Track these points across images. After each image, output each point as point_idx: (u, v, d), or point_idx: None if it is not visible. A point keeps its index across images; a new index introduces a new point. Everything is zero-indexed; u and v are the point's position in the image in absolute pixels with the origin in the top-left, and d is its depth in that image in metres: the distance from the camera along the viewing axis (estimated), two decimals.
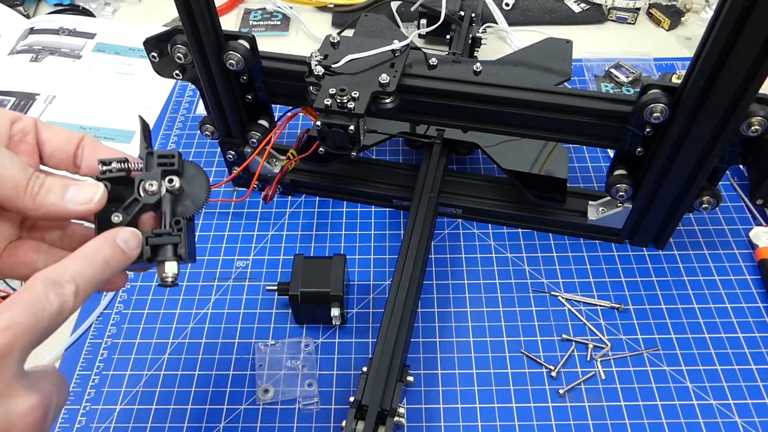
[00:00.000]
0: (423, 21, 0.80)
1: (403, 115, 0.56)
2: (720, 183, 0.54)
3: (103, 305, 0.58)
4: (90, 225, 0.36)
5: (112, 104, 0.78)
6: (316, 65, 0.51)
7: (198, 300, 0.59)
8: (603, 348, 0.54)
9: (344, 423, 0.44)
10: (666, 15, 0.87)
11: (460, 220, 0.64)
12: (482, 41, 0.77)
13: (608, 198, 0.58)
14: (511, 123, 0.54)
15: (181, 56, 0.53)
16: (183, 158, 0.37)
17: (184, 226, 0.36)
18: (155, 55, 0.55)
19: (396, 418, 0.45)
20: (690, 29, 0.88)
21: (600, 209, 0.59)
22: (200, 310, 0.58)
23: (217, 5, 0.51)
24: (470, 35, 0.76)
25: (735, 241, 0.62)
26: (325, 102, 0.49)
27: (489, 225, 0.64)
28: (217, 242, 0.63)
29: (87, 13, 0.93)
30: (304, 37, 0.89)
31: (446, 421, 0.50)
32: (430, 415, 0.51)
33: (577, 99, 0.51)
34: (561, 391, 0.52)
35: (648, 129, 0.49)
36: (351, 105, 0.49)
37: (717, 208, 0.57)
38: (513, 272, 0.60)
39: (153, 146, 0.38)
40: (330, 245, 0.63)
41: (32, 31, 0.87)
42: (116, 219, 0.35)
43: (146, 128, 0.39)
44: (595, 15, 0.89)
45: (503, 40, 0.87)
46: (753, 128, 0.46)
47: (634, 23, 0.89)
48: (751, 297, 0.58)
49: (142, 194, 0.36)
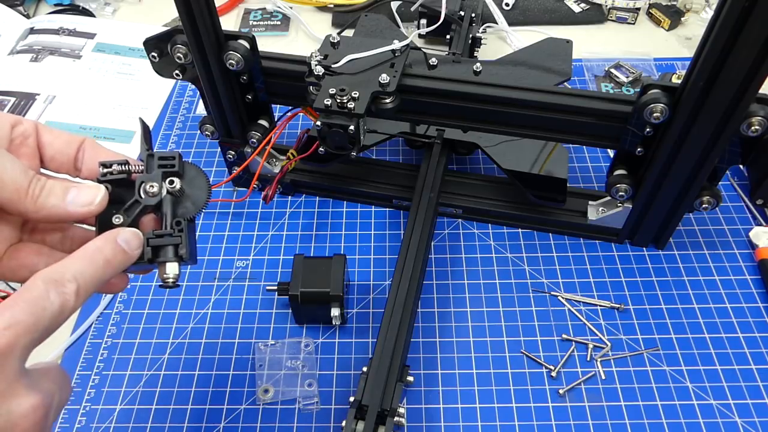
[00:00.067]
0: (423, 21, 0.80)
1: (403, 115, 0.56)
2: (720, 183, 0.54)
3: (103, 305, 0.58)
4: (91, 228, 0.36)
5: (112, 104, 0.78)
6: (316, 65, 0.51)
7: (198, 300, 0.59)
8: (603, 348, 0.54)
9: (344, 423, 0.44)
10: (666, 15, 0.87)
11: (460, 220, 0.64)
12: (482, 41, 0.77)
13: (608, 198, 0.58)
14: (511, 123, 0.54)
15: (181, 56, 0.53)
16: (183, 160, 0.37)
17: (185, 227, 0.36)
18: (155, 55, 0.55)
19: (396, 418, 0.45)
20: (690, 29, 0.88)
21: (600, 209, 0.59)
22: (200, 310, 0.58)
23: (217, 5, 0.51)
24: (470, 35, 0.76)
25: (735, 241, 0.62)
26: (325, 102, 0.49)
27: (489, 225, 0.64)
28: (217, 242, 0.63)
29: (87, 13, 0.93)
30: (304, 37, 0.89)
31: (446, 421, 0.51)
32: (430, 415, 0.51)
33: (577, 99, 0.51)
34: (561, 391, 0.52)
35: (648, 129, 0.49)
36: (351, 105, 0.49)
37: (717, 208, 0.57)
38: (513, 272, 0.60)
39: (153, 147, 0.38)
40: (330, 245, 0.63)
41: (32, 31, 0.87)
42: (117, 221, 0.35)
43: (146, 130, 0.39)
44: (595, 15, 0.89)
45: (503, 40, 0.87)
46: (753, 128, 0.46)
47: (634, 23, 0.89)
48: (751, 297, 0.58)
49: (143, 196, 0.36)
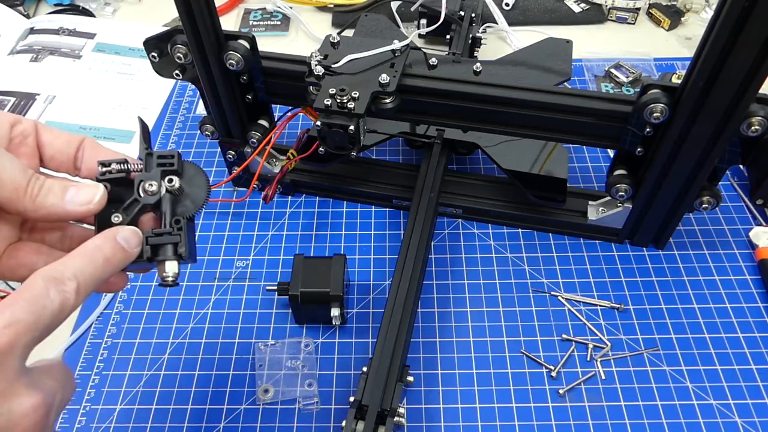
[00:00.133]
0: (423, 21, 0.80)
1: (403, 115, 0.56)
2: (720, 183, 0.54)
3: (103, 305, 0.58)
4: (90, 227, 0.36)
5: (112, 104, 0.78)
6: (316, 65, 0.51)
7: (198, 300, 0.59)
8: (603, 348, 0.54)
9: (344, 423, 0.44)
10: (666, 15, 0.87)
11: (460, 220, 0.64)
12: (482, 41, 0.77)
13: (608, 198, 0.58)
14: (511, 123, 0.54)
15: (181, 56, 0.53)
16: (182, 158, 0.37)
17: (184, 226, 0.36)
18: (155, 55, 0.55)
19: (396, 418, 0.45)
20: (690, 29, 0.88)
21: (600, 209, 0.59)
22: (200, 310, 0.58)
23: (217, 5, 0.51)
24: (470, 35, 0.76)
25: (735, 241, 0.62)
26: (325, 102, 0.49)
27: (489, 225, 0.64)
28: (217, 242, 0.63)
29: (87, 13, 0.93)
30: (304, 37, 0.89)
31: (446, 421, 0.51)
32: (430, 415, 0.51)
33: (577, 99, 0.51)
34: (561, 391, 0.52)
35: (648, 129, 0.49)
36: (351, 105, 0.49)
37: (717, 208, 0.57)
38: (513, 272, 0.60)
39: (152, 147, 0.38)
40: (330, 245, 0.63)
41: (32, 31, 0.87)
42: (116, 219, 0.35)
43: (145, 129, 0.39)
44: (595, 15, 0.89)
45: (503, 40, 0.87)
46: (753, 128, 0.46)
47: (634, 23, 0.89)
48: (751, 297, 0.58)
49: (142, 195, 0.36)
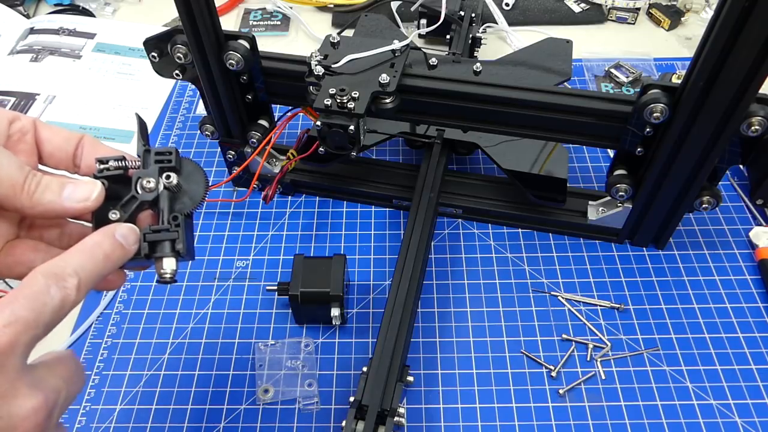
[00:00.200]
0: (423, 21, 0.80)
1: (403, 115, 0.56)
2: (720, 183, 0.54)
3: (103, 305, 0.58)
4: (87, 224, 0.36)
5: (112, 104, 0.78)
6: (316, 65, 0.51)
7: (198, 300, 0.59)
8: (603, 348, 0.54)
9: (344, 423, 0.44)
10: (666, 15, 0.87)
11: (460, 220, 0.64)
12: (482, 41, 0.77)
13: (608, 198, 0.58)
14: (511, 123, 0.54)
15: (181, 56, 0.53)
16: (180, 155, 0.37)
17: (182, 222, 0.36)
18: (155, 55, 0.55)
19: (396, 418, 0.45)
20: (690, 29, 0.88)
21: (600, 209, 0.59)
22: (200, 310, 0.58)
23: (217, 5, 0.51)
24: (470, 35, 0.76)
25: (735, 241, 0.62)
26: (325, 102, 0.49)
27: (489, 225, 0.64)
28: (217, 242, 0.63)
29: (87, 13, 0.93)
30: (304, 37, 0.89)
31: (446, 421, 0.50)
32: (430, 415, 0.51)
33: (577, 99, 0.51)
34: (561, 391, 0.52)
35: (648, 129, 0.49)
36: (351, 105, 0.49)
37: (717, 208, 0.57)
38: (513, 272, 0.60)
39: (151, 144, 0.38)
40: (330, 245, 0.63)
41: (32, 31, 0.87)
42: (114, 216, 0.35)
43: (143, 126, 0.39)
44: (595, 15, 0.89)
45: (503, 40, 0.87)
46: (753, 128, 0.46)
47: (634, 23, 0.89)
48: (751, 297, 0.57)
49: (140, 191, 0.36)
